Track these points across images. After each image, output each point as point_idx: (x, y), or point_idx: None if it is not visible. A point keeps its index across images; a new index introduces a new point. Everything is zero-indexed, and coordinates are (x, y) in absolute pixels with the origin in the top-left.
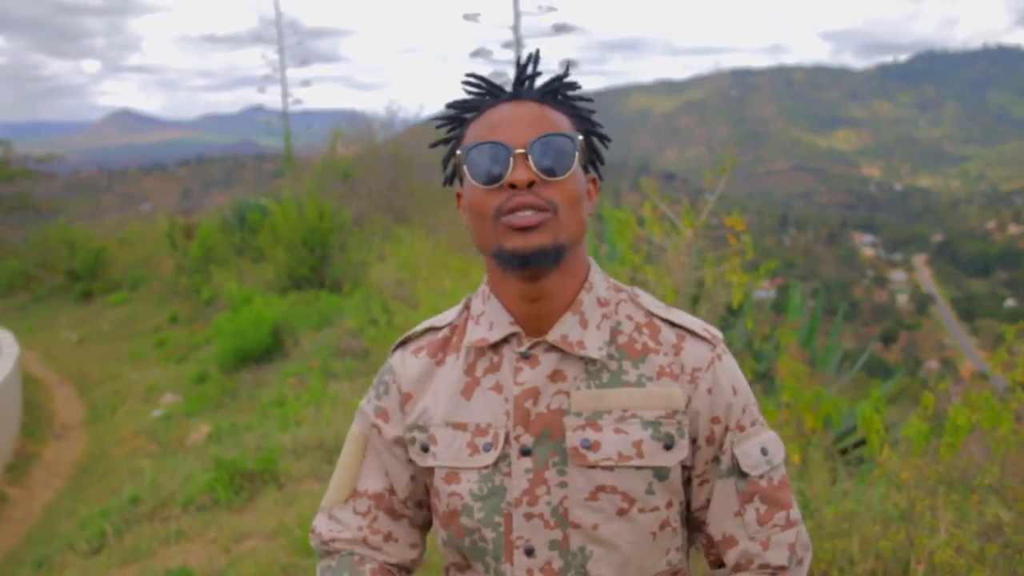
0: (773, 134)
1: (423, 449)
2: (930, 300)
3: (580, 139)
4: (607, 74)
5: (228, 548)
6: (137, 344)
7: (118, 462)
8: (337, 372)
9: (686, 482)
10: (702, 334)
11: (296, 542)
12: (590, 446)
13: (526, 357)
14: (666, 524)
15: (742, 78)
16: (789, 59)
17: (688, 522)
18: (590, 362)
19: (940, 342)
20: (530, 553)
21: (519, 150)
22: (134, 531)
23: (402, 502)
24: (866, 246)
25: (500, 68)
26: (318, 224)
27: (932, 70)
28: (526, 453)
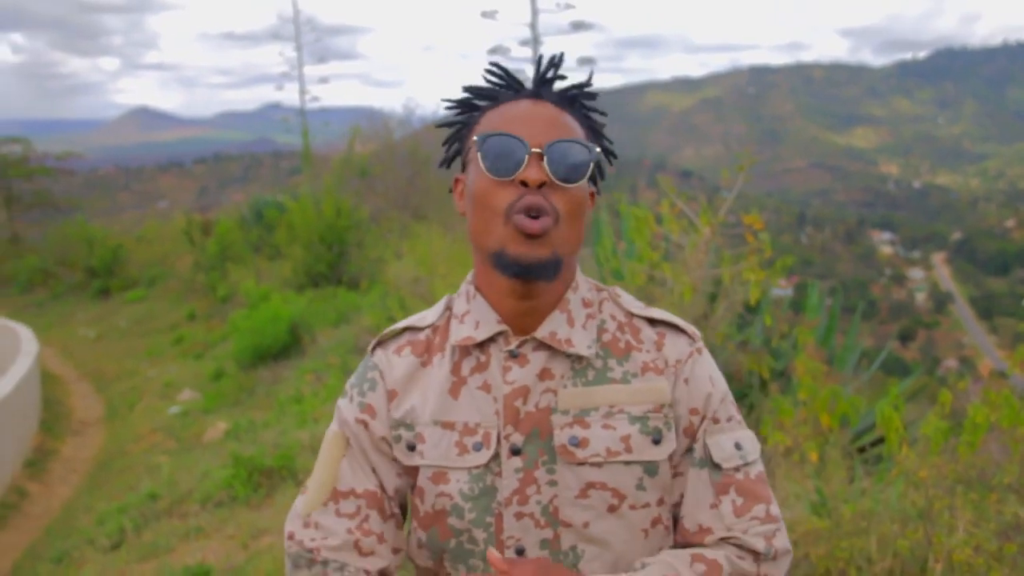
0: (791, 132)
1: (409, 448)
2: (948, 298)
3: (597, 150)
4: (624, 71)
5: (246, 544)
6: (154, 341)
7: (136, 458)
8: (354, 369)
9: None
10: (682, 328)
11: None
12: (578, 443)
13: (515, 355)
14: (658, 522)
15: (760, 75)
16: (807, 56)
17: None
18: (576, 360)
19: (958, 341)
20: (520, 553)
21: (536, 149)
22: (152, 527)
23: (391, 500)
24: (884, 244)
25: (518, 66)
26: (335, 221)
27: (951, 67)
28: (516, 452)
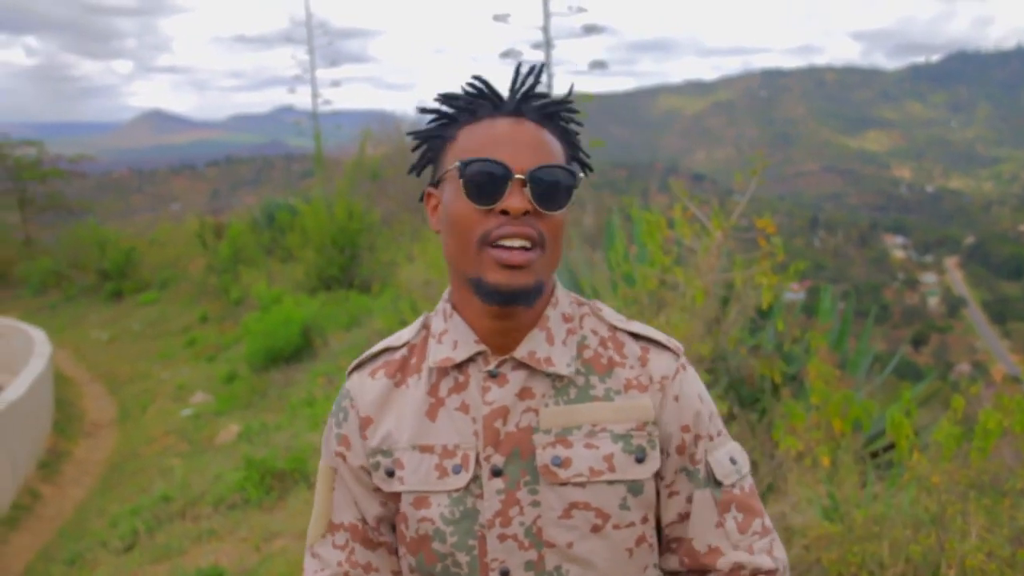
0: (803, 135)
1: (388, 474)
2: (962, 303)
3: (581, 175)
4: (636, 75)
5: (259, 547)
6: (167, 343)
7: (148, 461)
8: None
9: (657, 494)
10: (666, 344)
11: None
12: (561, 463)
13: (494, 375)
14: (643, 540)
15: (772, 79)
16: (820, 59)
17: (658, 539)
18: (557, 378)
19: (971, 345)
20: (505, 575)
21: (519, 175)
22: (165, 529)
23: (375, 530)
24: (897, 248)
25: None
26: (347, 224)
27: (964, 71)
28: (497, 474)
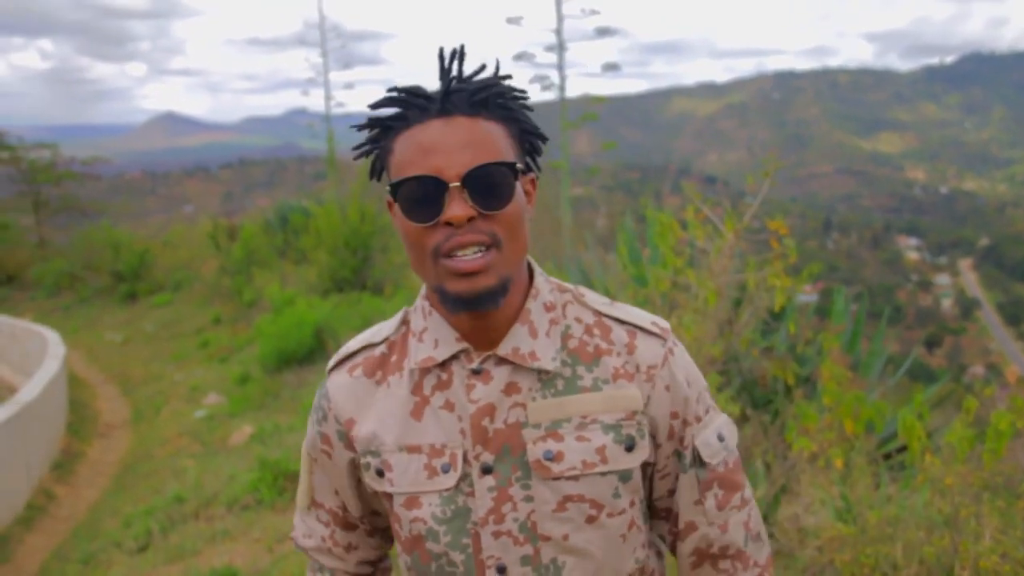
0: (816, 137)
1: (378, 474)
2: (975, 304)
3: (518, 166)
4: (649, 77)
5: (272, 548)
6: (180, 345)
7: (162, 462)
8: None
9: (648, 478)
10: (652, 329)
11: None
12: (553, 457)
13: (477, 372)
14: (633, 524)
15: (785, 80)
16: (833, 61)
17: (649, 509)
18: (543, 371)
19: (985, 347)
20: (502, 571)
21: (454, 184)
22: (179, 530)
23: (358, 517)
24: (911, 250)
25: (543, 71)
26: (360, 226)
27: (979, 72)
28: (487, 471)
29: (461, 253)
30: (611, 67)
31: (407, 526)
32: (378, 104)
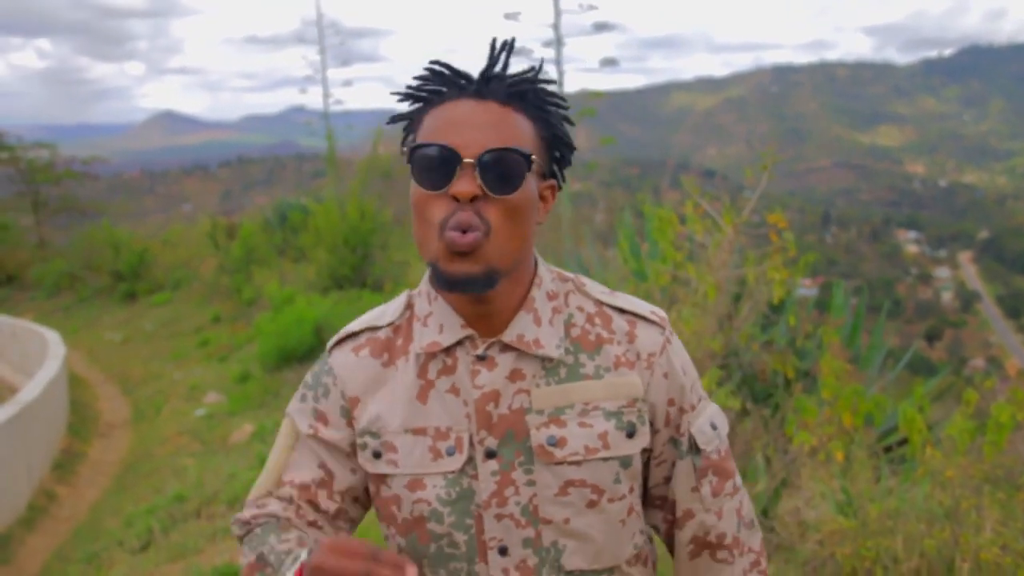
0: (815, 131)
1: (375, 455)
2: (975, 297)
3: (533, 157)
4: (647, 72)
5: None
6: (180, 344)
7: (162, 461)
8: None
9: (644, 464)
10: (651, 318)
11: None
12: (556, 443)
13: (482, 359)
14: (631, 510)
15: (783, 74)
16: (831, 55)
17: (643, 496)
18: (547, 358)
19: (985, 340)
20: (504, 552)
21: (468, 159)
22: (180, 529)
23: (339, 493)
24: (910, 243)
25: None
26: (359, 224)
27: (977, 64)
28: (491, 456)
29: (459, 231)
30: (609, 62)
31: (408, 507)
32: (420, 77)
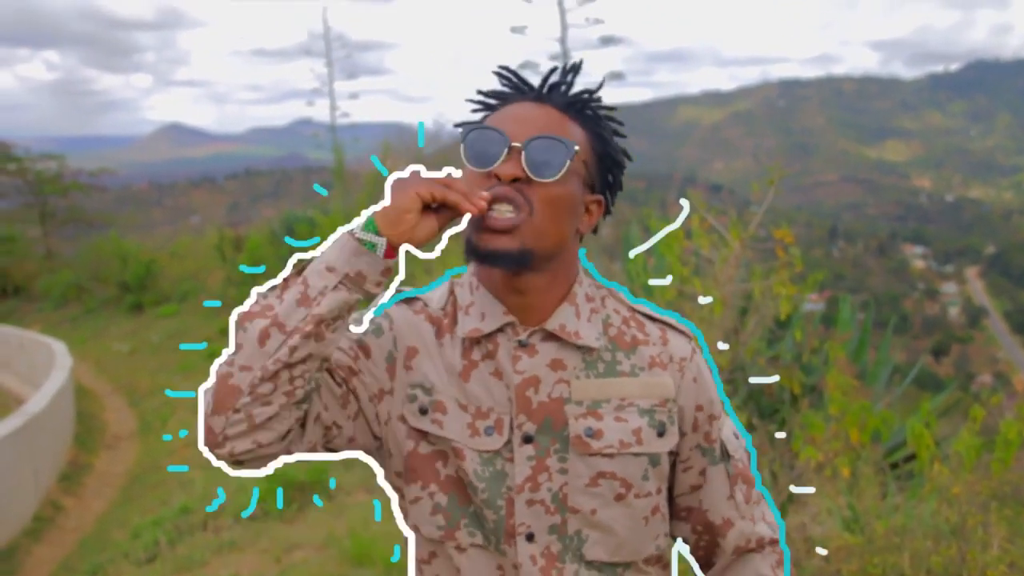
0: (821, 145)
1: (421, 411)
2: (982, 313)
3: (577, 148)
4: (653, 85)
5: (279, 558)
6: (187, 356)
7: (169, 473)
8: None
9: (670, 469)
10: (679, 327)
11: (346, 552)
12: (593, 434)
13: (524, 345)
14: (656, 510)
15: (790, 89)
16: (838, 69)
17: (669, 507)
18: (587, 352)
19: (993, 356)
20: (531, 539)
21: (515, 143)
22: (186, 541)
23: (343, 381)
24: (917, 258)
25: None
26: None
27: (984, 79)
28: (528, 440)
29: (497, 208)
30: (616, 76)
31: (453, 466)
32: (486, 91)
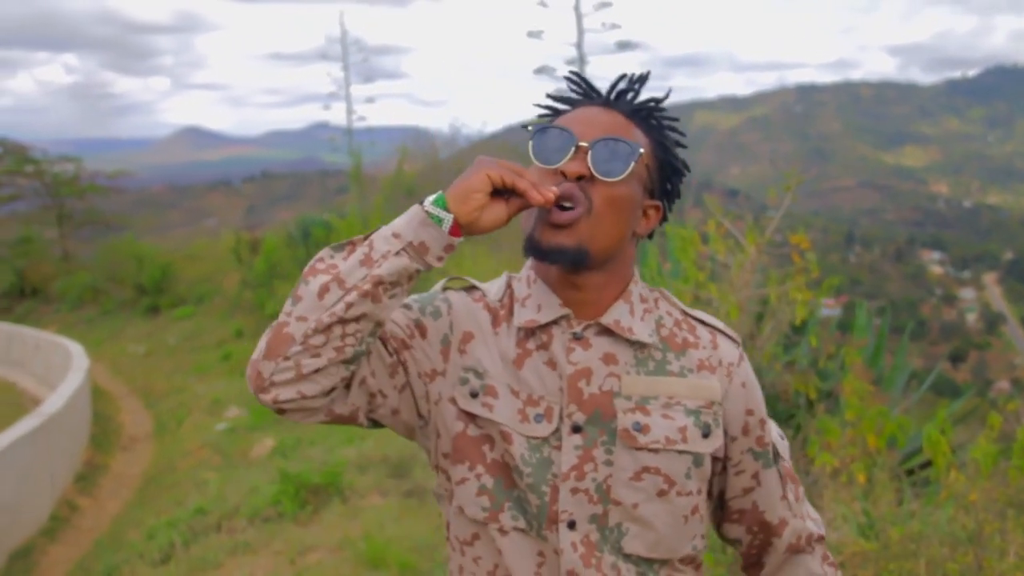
0: (839, 150)
1: (472, 394)
2: (1000, 319)
3: (641, 151)
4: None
5: (293, 560)
6: (202, 358)
7: (184, 474)
8: None
9: (720, 471)
10: (729, 333)
11: (361, 555)
12: (640, 429)
13: (578, 338)
14: (696, 510)
15: (807, 94)
16: (855, 74)
17: (721, 511)
18: (639, 348)
19: (1011, 362)
20: (572, 526)
21: (583, 143)
22: (201, 542)
23: (395, 347)
24: (934, 264)
25: (564, 86)
26: None
27: (1002, 85)
28: (577, 430)
29: (560, 205)
30: (670, 90)
31: (500, 450)
32: (554, 95)
